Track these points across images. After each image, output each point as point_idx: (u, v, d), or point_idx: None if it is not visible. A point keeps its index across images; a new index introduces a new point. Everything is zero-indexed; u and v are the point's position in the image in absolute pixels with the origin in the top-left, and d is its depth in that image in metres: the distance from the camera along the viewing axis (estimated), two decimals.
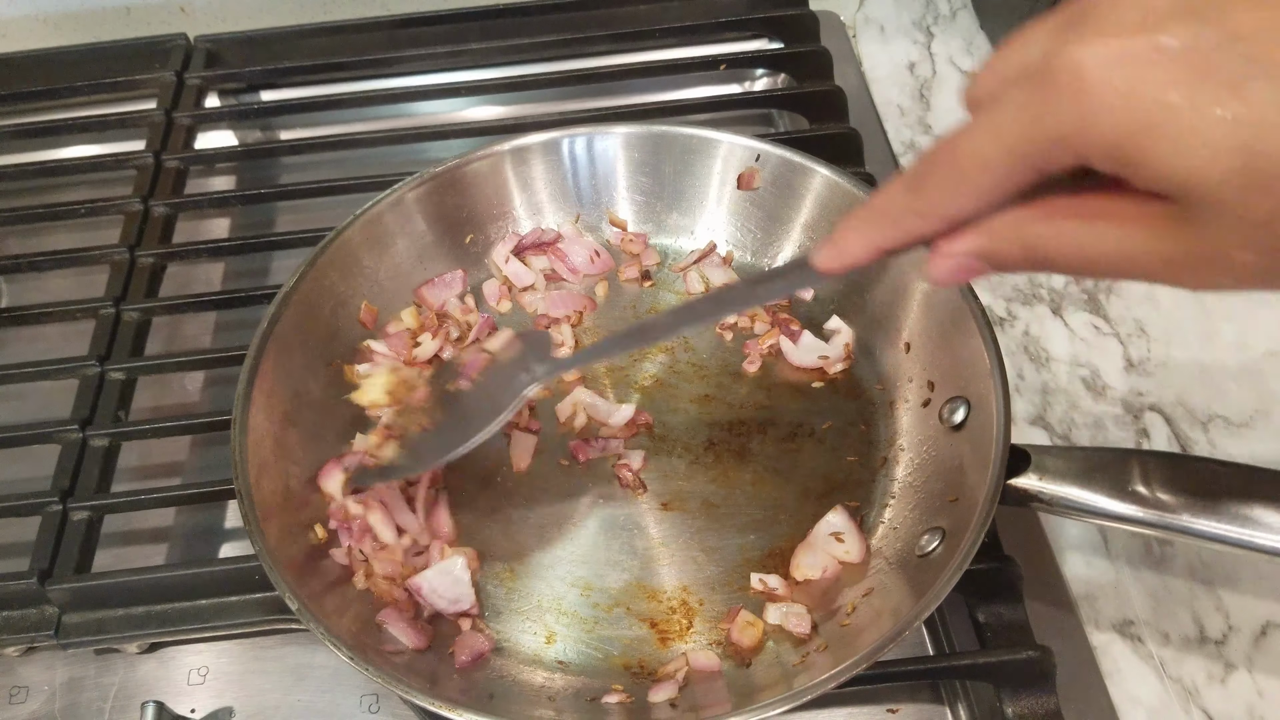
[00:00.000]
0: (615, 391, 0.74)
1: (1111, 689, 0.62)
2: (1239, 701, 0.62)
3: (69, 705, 0.64)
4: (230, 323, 0.84)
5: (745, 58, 0.96)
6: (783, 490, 0.68)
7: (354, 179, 0.84)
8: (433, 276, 0.77)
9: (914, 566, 0.60)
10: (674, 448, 0.71)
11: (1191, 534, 0.53)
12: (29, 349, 0.82)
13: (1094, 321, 0.80)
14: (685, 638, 0.62)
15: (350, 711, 0.63)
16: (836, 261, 0.45)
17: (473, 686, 0.59)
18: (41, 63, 0.99)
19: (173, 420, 0.73)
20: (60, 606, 0.64)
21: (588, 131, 0.78)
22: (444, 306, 0.77)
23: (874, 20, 1.06)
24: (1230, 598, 0.65)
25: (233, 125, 0.99)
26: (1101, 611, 0.65)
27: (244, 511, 0.58)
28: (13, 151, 0.96)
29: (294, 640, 0.65)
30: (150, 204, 0.85)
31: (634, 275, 0.80)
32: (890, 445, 0.69)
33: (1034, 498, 0.57)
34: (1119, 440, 0.73)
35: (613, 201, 0.81)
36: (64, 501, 0.67)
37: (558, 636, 0.62)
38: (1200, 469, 0.55)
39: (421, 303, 0.76)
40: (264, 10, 1.06)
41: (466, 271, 0.78)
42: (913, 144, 0.94)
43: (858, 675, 0.52)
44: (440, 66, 0.97)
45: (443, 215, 0.77)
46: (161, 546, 0.72)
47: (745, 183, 0.78)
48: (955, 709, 0.62)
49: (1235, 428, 0.73)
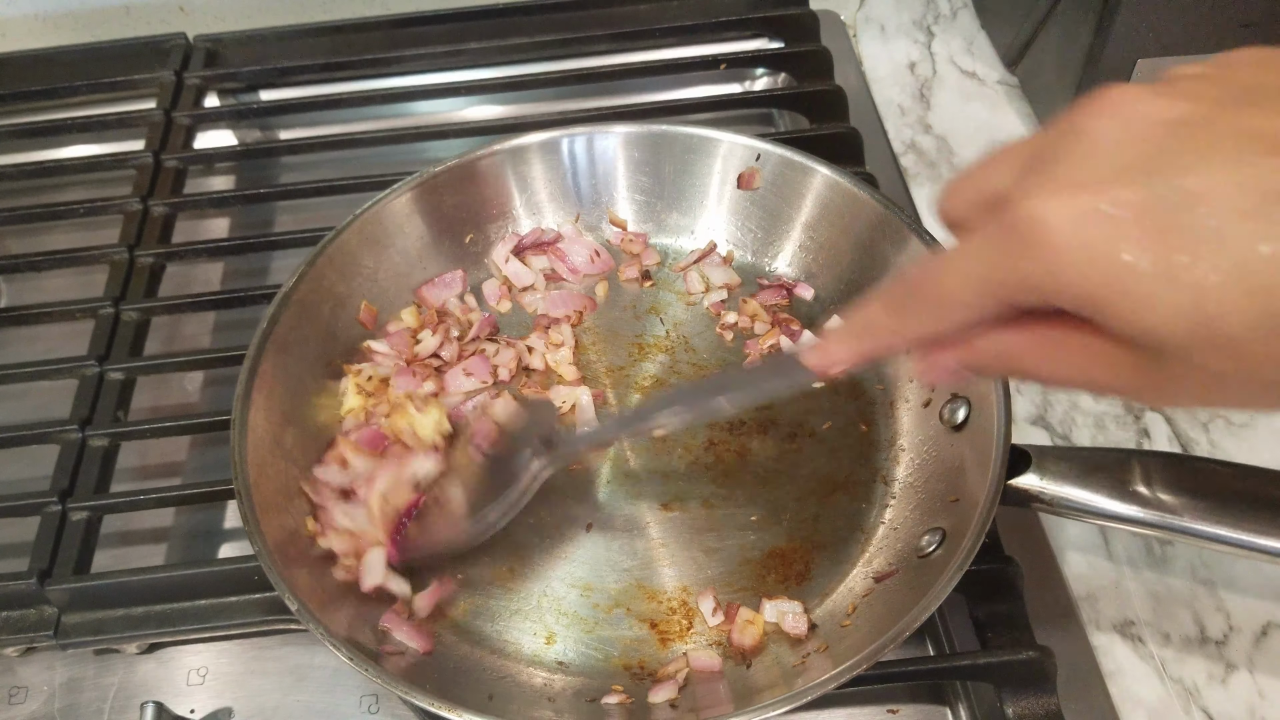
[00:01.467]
0: (615, 392, 0.74)
1: (1112, 689, 0.62)
2: (1240, 702, 0.62)
3: (68, 706, 0.64)
4: (229, 323, 0.84)
5: (745, 57, 0.96)
6: (783, 490, 0.68)
7: (353, 179, 0.84)
8: (432, 276, 0.77)
9: (914, 567, 0.60)
10: (674, 448, 0.71)
11: (1192, 534, 0.53)
12: (28, 349, 0.82)
13: None
14: (685, 638, 0.62)
15: (350, 712, 0.63)
16: (823, 365, 0.48)
17: (472, 685, 0.59)
18: (41, 62, 0.99)
19: (172, 420, 0.73)
20: (59, 607, 0.64)
21: (587, 131, 0.78)
22: (444, 305, 0.77)
23: (874, 20, 1.06)
24: (1231, 598, 0.65)
25: (232, 125, 0.98)
26: (1102, 612, 0.65)
27: (243, 512, 0.58)
28: (12, 151, 0.96)
29: (294, 640, 0.65)
30: (149, 204, 0.85)
31: (634, 275, 0.79)
32: (891, 445, 0.69)
33: (1035, 498, 0.57)
34: (1119, 440, 0.73)
35: (613, 201, 0.81)
36: (63, 502, 0.67)
37: (558, 637, 0.62)
38: (1200, 469, 0.55)
39: (422, 302, 0.76)
40: (263, 10, 1.06)
41: (466, 271, 0.78)
42: (913, 143, 0.94)
43: (858, 676, 0.52)
44: (440, 66, 0.97)
45: (442, 215, 0.77)
46: (161, 547, 0.72)
47: (746, 182, 0.78)
48: (955, 709, 0.62)
49: (1235, 428, 0.73)
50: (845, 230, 0.75)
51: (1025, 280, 0.35)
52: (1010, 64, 0.98)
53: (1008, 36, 0.97)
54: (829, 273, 0.76)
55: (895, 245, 0.71)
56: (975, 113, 0.96)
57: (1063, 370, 0.39)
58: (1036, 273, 0.35)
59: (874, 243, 0.73)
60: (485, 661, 0.61)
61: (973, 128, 0.95)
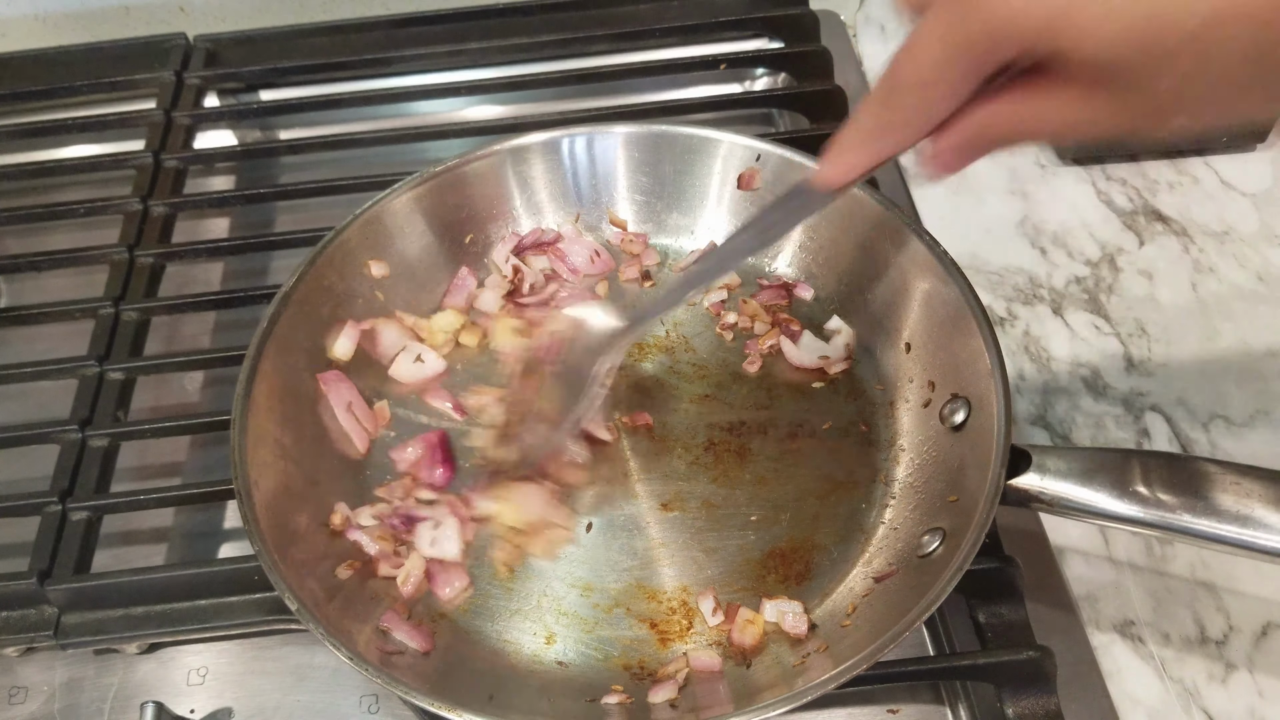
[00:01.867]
0: (615, 392, 0.73)
1: (1112, 689, 0.62)
2: (1240, 702, 0.62)
3: (68, 706, 0.64)
4: (229, 323, 0.84)
5: (745, 57, 0.96)
6: (783, 490, 0.68)
7: (353, 179, 0.84)
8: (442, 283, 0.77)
9: (914, 567, 0.60)
10: (674, 448, 0.71)
11: (1192, 534, 0.53)
12: (28, 349, 0.82)
13: (1094, 321, 0.80)
14: (685, 638, 0.62)
15: (350, 712, 0.63)
16: (840, 178, 0.49)
17: (472, 685, 0.59)
18: (40, 62, 0.99)
19: (172, 420, 0.73)
20: (59, 607, 0.64)
21: (587, 131, 0.78)
22: (475, 303, 0.77)
23: (874, 20, 1.06)
24: (1231, 598, 0.65)
25: (232, 125, 0.98)
26: (1102, 612, 0.65)
27: (243, 512, 0.58)
28: (12, 151, 0.96)
29: (294, 640, 0.65)
30: (149, 204, 0.85)
31: (634, 275, 0.79)
32: (890, 445, 0.69)
33: (1034, 498, 0.57)
34: (1119, 440, 0.73)
35: (613, 201, 0.81)
36: (63, 502, 0.67)
37: (558, 637, 0.62)
38: (1201, 469, 0.55)
39: (451, 308, 0.77)
40: (263, 10, 1.06)
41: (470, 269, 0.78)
42: None
43: (858, 675, 0.52)
44: (440, 66, 0.97)
45: (442, 215, 0.77)
46: (161, 547, 0.72)
47: (746, 183, 0.78)
48: (956, 709, 0.62)
49: (1235, 428, 0.73)
50: (845, 230, 0.75)
51: (986, 32, 0.39)
52: None
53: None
54: (829, 273, 0.77)
55: (895, 245, 0.71)
56: None
57: (1041, 121, 0.42)
58: (993, 20, 0.39)
59: (874, 243, 0.73)
60: (485, 661, 0.61)
61: None
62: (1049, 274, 0.84)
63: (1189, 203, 0.88)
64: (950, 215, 0.88)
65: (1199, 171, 0.90)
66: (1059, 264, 0.84)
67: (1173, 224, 0.87)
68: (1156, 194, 0.89)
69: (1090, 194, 0.89)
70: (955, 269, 0.67)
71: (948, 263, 0.67)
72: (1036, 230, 0.87)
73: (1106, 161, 0.91)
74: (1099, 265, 0.84)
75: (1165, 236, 0.86)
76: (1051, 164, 0.91)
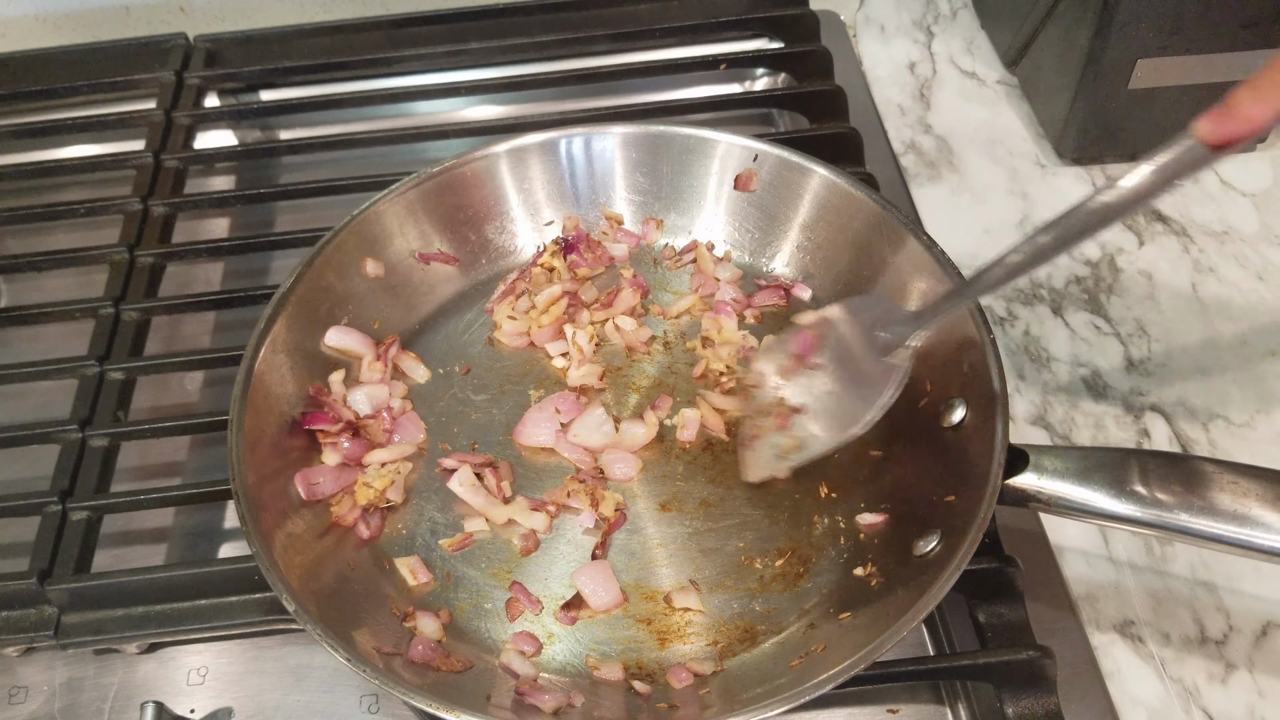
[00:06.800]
0: (614, 393, 0.74)
1: (1112, 689, 0.62)
2: (1239, 702, 0.61)
3: (68, 705, 0.64)
4: (229, 323, 0.84)
5: (745, 57, 0.96)
6: (780, 491, 0.68)
7: (353, 179, 0.84)
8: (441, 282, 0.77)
9: (913, 567, 0.60)
10: (672, 448, 0.71)
11: (1189, 534, 0.53)
12: (29, 349, 0.82)
13: (1094, 321, 0.80)
14: (684, 638, 0.62)
15: (349, 712, 0.63)
16: (1235, 131, 0.45)
17: (472, 685, 0.59)
18: (41, 62, 0.99)
19: (172, 420, 0.73)
20: (60, 607, 0.64)
21: (585, 131, 0.78)
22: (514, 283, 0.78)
23: (874, 20, 1.06)
24: (1231, 598, 0.65)
25: (232, 125, 0.99)
26: (1102, 612, 0.65)
27: (241, 512, 0.58)
28: (12, 151, 0.97)
29: (294, 640, 0.65)
30: (149, 204, 0.85)
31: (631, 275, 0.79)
32: (888, 445, 0.69)
33: (1032, 497, 0.57)
34: (1119, 440, 0.73)
35: (610, 201, 0.81)
36: (63, 502, 0.67)
37: (557, 637, 0.62)
38: (1198, 468, 0.55)
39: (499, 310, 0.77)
40: (263, 10, 1.06)
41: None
42: (913, 143, 0.94)
43: (858, 675, 0.52)
44: (440, 66, 0.97)
45: (441, 215, 0.77)
46: (161, 546, 0.72)
47: (743, 184, 0.78)
48: (955, 709, 0.62)
49: (1235, 428, 0.73)
50: (842, 230, 0.75)
51: None
52: (1010, 64, 0.98)
53: (1007, 36, 0.97)
54: (826, 273, 0.76)
55: (892, 245, 0.71)
56: (975, 112, 0.96)
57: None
58: None
59: (871, 242, 0.73)
60: (485, 661, 0.61)
61: (972, 127, 0.95)
62: (1049, 274, 0.83)
63: (1189, 203, 0.88)
64: (950, 215, 0.88)
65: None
66: (1059, 264, 0.84)
67: (1173, 224, 0.86)
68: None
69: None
70: (952, 269, 0.67)
71: (944, 262, 0.67)
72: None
73: (1106, 161, 0.91)
74: (1099, 265, 0.84)
75: (1165, 236, 0.86)
76: (1051, 164, 0.91)
